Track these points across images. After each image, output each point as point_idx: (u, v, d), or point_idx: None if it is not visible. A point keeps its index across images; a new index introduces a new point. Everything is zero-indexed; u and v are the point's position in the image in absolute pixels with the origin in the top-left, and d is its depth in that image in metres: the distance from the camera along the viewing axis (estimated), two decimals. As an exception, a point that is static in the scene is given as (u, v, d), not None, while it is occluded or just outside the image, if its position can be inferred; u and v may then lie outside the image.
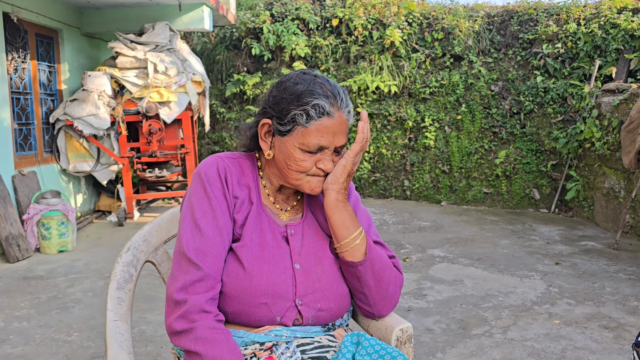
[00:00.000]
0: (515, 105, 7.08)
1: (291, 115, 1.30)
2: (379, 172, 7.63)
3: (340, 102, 1.32)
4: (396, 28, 7.42)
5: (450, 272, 4.25)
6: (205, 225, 1.28)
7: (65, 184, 6.08)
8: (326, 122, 1.29)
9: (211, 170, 1.34)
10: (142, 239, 1.52)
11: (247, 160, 1.42)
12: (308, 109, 1.29)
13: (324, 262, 1.36)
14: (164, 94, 5.96)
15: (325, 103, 1.29)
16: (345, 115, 1.33)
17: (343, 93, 1.34)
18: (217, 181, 1.33)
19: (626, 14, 6.54)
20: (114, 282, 1.42)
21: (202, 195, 1.32)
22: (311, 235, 1.40)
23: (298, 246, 1.36)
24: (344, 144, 1.34)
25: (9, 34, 5.26)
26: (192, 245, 1.26)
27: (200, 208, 1.30)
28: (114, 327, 1.33)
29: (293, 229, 1.38)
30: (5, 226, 4.64)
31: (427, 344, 2.98)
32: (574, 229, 5.78)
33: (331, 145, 1.31)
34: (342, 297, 1.36)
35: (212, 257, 1.26)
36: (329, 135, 1.30)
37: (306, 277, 1.32)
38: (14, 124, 5.37)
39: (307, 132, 1.29)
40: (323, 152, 1.32)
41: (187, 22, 6.56)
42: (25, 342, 3.04)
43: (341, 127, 1.31)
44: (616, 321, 3.27)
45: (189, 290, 1.21)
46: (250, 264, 1.29)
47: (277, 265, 1.31)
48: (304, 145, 1.30)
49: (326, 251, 1.39)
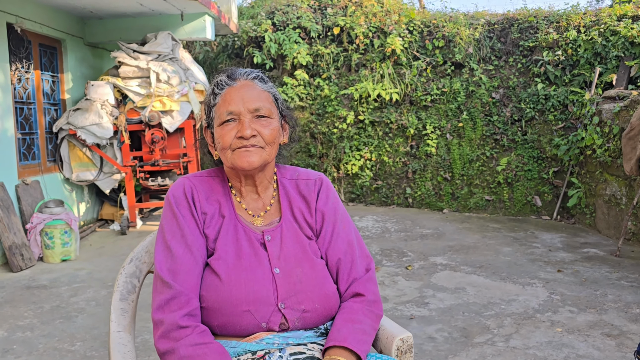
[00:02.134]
0: (517, 112, 7.10)
1: (207, 106, 1.41)
2: (380, 180, 7.64)
3: (239, 72, 1.39)
4: (397, 36, 7.46)
5: (453, 280, 4.25)
6: (175, 245, 1.31)
7: (69, 193, 6.11)
8: (230, 91, 1.36)
9: (178, 192, 1.38)
10: (144, 250, 1.54)
11: (217, 177, 1.45)
12: (213, 89, 1.39)
13: (304, 264, 1.36)
14: (166, 103, 5.99)
15: (223, 77, 1.38)
16: (250, 80, 1.38)
17: (247, 68, 1.44)
18: (183, 201, 1.36)
19: (626, 21, 6.56)
20: (117, 293, 1.44)
21: (170, 217, 1.35)
22: (290, 238, 1.39)
23: (277, 251, 1.36)
24: (260, 107, 1.35)
25: (13, 44, 5.30)
26: (164, 266, 1.29)
27: (170, 229, 1.33)
28: (118, 338, 1.34)
29: (270, 234, 1.38)
30: (9, 235, 4.66)
31: (430, 353, 2.98)
32: (576, 236, 5.78)
33: (243, 109, 1.34)
34: (326, 297, 1.35)
35: (183, 275, 1.28)
36: (237, 101, 1.34)
37: (287, 280, 1.32)
38: (18, 133, 5.41)
39: (218, 107, 1.37)
40: (240, 119, 1.34)
41: (189, 31, 6.60)
42: (29, 352, 3.05)
43: (249, 91, 1.36)
44: (619, 329, 3.27)
45: (164, 309, 1.24)
46: (227, 274, 1.30)
47: (255, 272, 1.31)
48: (219, 119, 1.36)
49: (306, 253, 1.38)
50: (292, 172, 1.51)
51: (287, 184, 1.48)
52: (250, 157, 1.33)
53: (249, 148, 1.33)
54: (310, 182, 1.48)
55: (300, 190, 1.47)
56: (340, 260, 1.40)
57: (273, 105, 1.40)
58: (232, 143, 1.34)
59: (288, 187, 1.47)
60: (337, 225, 1.44)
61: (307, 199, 1.45)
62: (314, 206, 1.44)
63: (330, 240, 1.42)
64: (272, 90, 1.41)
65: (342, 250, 1.41)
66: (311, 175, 1.50)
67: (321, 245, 1.42)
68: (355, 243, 1.45)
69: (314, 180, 1.49)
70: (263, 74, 1.43)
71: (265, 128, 1.35)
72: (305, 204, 1.45)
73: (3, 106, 5.05)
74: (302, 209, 1.44)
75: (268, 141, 1.36)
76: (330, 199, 1.47)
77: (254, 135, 1.34)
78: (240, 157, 1.34)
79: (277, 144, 1.40)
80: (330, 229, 1.43)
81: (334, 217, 1.44)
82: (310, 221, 1.43)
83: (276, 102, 1.42)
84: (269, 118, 1.37)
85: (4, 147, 5.03)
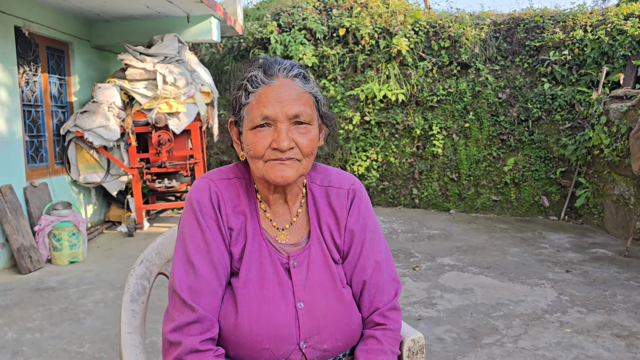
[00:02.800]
0: (523, 112, 7.07)
1: (237, 101, 1.24)
2: (387, 181, 7.63)
3: (278, 67, 1.20)
4: (403, 37, 7.45)
5: (460, 281, 4.24)
6: (198, 261, 1.19)
7: (76, 195, 6.13)
8: (265, 91, 1.18)
9: (203, 198, 1.23)
10: (154, 252, 1.54)
11: (243, 179, 1.30)
12: (245, 84, 1.21)
13: (330, 295, 1.25)
14: (173, 105, 6.01)
15: (259, 72, 1.20)
16: (290, 79, 1.20)
17: (286, 61, 1.23)
18: (210, 210, 1.22)
19: (633, 20, 6.53)
20: (127, 294, 1.44)
21: (194, 227, 1.22)
22: (317, 264, 1.27)
23: (302, 279, 1.25)
24: (300, 112, 1.18)
25: (21, 48, 5.33)
26: (185, 284, 1.18)
27: (193, 242, 1.21)
28: (129, 339, 1.34)
29: (296, 259, 1.26)
30: (17, 238, 4.68)
31: (438, 354, 2.97)
32: (584, 237, 5.74)
33: (280, 115, 1.17)
34: (350, 333, 1.26)
35: (207, 297, 1.18)
36: (273, 103, 1.17)
37: (310, 316, 1.22)
38: (26, 136, 5.44)
39: (250, 108, 1.20)
40: (276, 126, 1.18)
41: (195, 33, 6.62)
42: (38, 354, 3.07)
43: (288, 92, 1.18)
44: (628, 329, 3.24)
45: (183, 332, 1.15)
46: (249, 307, 1.19)
47: (278, 306, 1.21)
48: (252, 122, 1.19)
49: (333, 281, 1.27)
50: (322, 176, 1.36)
51: (316, 192, 1.33)
52: (285, 172, 1.19)
53: (284, 161, 1.19)
54: (342, 193, 1.33)
55: (331, 201, 1.33)
56: (366, 283, 1.29)
57: (314, 109, 1.23)
58: (266, 154, 1.19)
59: (317, 196, 1.33)
60: (366, 246, 1.31)
61: (336, 214, 1.32)
62: (344, 224, 1.31)
63: (357, 263, 1.30)
64: (314, 90, 1.24)
65: (369, 272, 1.30)
66: (343, 184, 1.35)
67: (347, 269, 1.31)
68: (384, 264, 1.32)
69: (347, 191, 1.34)
70: (305, 69, 1.25)
71: (303, 137, 1.20)
72: (335, 219, 1.32)
73: (11, 109, 5.08)
74: (331, 226, 1.31)
75: (306, 153, 1.21)
76: (362, 214, 1.33)
77: (291, 148, 1.18)
78: (273, 171, 1.19)
79: (315, 154, 1.25)
80: (358, 251, 1.31)
81: (363, 236, 1.32)
82: (339, 242, 1.31)
83: (317, 103, 1.25)
84: (309, 125, 1.21)
85: (12, 150, 5.06)
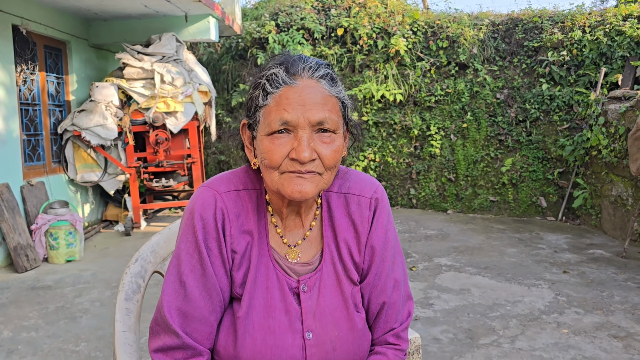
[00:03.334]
0: (521, 113, 7.07)
1: (253, 101, 1.08)
2: (384, 181, 7.62)
3: (302, 65, 1.05)
4: (401, 37, 7.45)
5: (457, 281, 4.24)
6: (191, 284, 1.08)
7: (73, 194, 6.12)
8: (287, 92, 1.03)
9: (207, 214, 1.10)
10: (150, 250, 1.53)
11: (254, 190, 1.16)
12: (263, 83, 1.05)
13: (341, 324, 1.14)
14: (170, 104, 6.00)
15: (280, 70, 1.04)
16: (316, 80, 1.04)
17: (312, 59, 1.08)
18: (212, 230, 1.10)
19: (631, 21, 6.54)
20: (122, 293, 1.43)
21: (192, 245, 1.10)
22: (329, 287, 1.15)
23: (312, 306, 1.13)
24: (325, 119, 1.03)
25: (18, 46, 5.32)
26: (173, 305, 1.08)
27: (189, 261, 1.09)
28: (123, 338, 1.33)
29: (306, 283, 1.14)
30: (14, 236, 4.67)
31: (435, 354, 2.96)
32: (582, 237, 5.75)
33: (302, 121, 1.02)
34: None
35: (196, 324, 1.08)
36: (295, 107, 1.02)
37: (319, 348, 1.11)
38: (23, 134, 5.42)
39: (268, 111, 1.04)
40: (297, 134, 1.03)
41: (193, 32, 6.61)
42: (34, 353, 3.06)
43: (312, 95, 1.03)
44: (625, 330, 3.24)
45: (167, 354, 1.09)
46: (252, 338, 1.09)
47: (284, 337, 1.10)
48: (269, 127, 1.04)
49: (347, 308, 1.15)
50: (341, 182, 1.20)
51: (333, 201, 1.19)
52: (303, 187, 1.04)
53: (303, 174, 1.04)
54: (363, 202, 1.19)
55: (350, 211, 1.18)
56: (385, 304, 1.19)
57: (340, 116, 1.08)
58: (283, 164, 1.04)
59: (334, 206, 1.18)
60: (387, 263, 1.19)
61: (357, 228, 1.18)
62: (365, 240, 1.18)
63: (377, 284, 1.18)
64: (342, 94, 1.09)
65: (388, 292, 1.19)
66: (365, 191, 1.20)
67: (365, 290, 1.19)
68: (402, 282, 1.22)
69: (369, 200, 1.19)
70: (332, 70, 1.09)
71: (327, 147, 1.05)
72: (355, 234, 1.18)
73: (8, 107, 5.06)
74: (349, 243, 1.17)
75: (329, 165, 1.06)
76: (384, 226, 1.19)
77: (313, 160, 1.04)
78: (290, 185, 1.05)
79: (338, 167, 1.11)
80: (379, 270, 1.18)
81: (385, 254, 1.19)
82: (358, 260, 1.18)
83: (343, 109, 1.10)
84: (334, 133, 1.06)
85: (9, 149, 5.04)
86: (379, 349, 1.20)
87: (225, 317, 1.13)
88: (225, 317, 1.13)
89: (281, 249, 1.16)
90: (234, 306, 1.13)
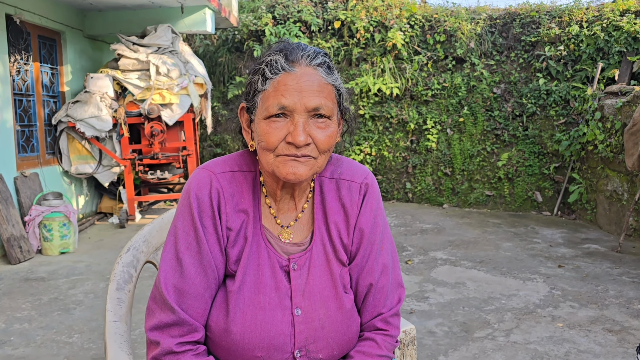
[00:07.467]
0: (518, 107, 7.06)
1: (252, 86, 1.14)
2: (380, 175, 7.61)
3: (301, 53, 1.11)
4: (398, 30, 7.42)
5: (453, 275, 4.23)
6: (187, 261, 1.13)
7: (67, 185, 6.08)
8: (285, 78, 1.09)
9: (203, 193, 1.15)
10: (142, 240, 1.51)
11: (249, 172, 1.22)
12: (262, 69, 1.11)
13: (330, 303, 1.19)
14: (166, 96, 5.96)
15: (279, 57, 1.10)
16: (313, 68, 1.10)
17: (310, 47, 1.14)
18: (207, 209, 1.15)
19: (629, 17, 6.52)
20: (113, 282, 1.41)
21: (188, 223, 1.15)
22: (319, 267, 1.20)
23: (301, 284, 1.18)
24: (321, 105, 1.09)
25: (12, 36, 5.26)
26: (170, 282, 1.13)
27: (185, 239, 1.14)
28: (114, 328, 1.32)
29: (297, 261, 1.19)
30: (7, 227, 4.64)
31: (430, 347, 2.96)
32: (577, 232, 5.76)
33: (299, 106, 1.08)
34: (347, 342, 1.21)
35: (191, 300, 1.12)
36: (292, 93, 1.08)
37: (307, 325, 1.16)
38: (17, 125, 5.38)
39: (266, 95, 1.10)
40: (293, 118, 1.09)
41: (189, 24, 6.56)
42: (27, 344, 3.04)
43: (309, 82, 1.09)
44: (620, 324, 3.25)
45: (163, 332, 1.11)
46: (243, 313, 1.14)
47: (274, 312, 1.15)
48: (266, 111, 1.10)
49: (335, 287, 1.20)
50: (333, 168, 1.26)
51: (326, 186, 1.24)
52: (298, 169, 1.10)
53: (298, 158, 1.10)
54: (353, 186, 1.24)
55: (341, 196, 1.24)
56: (372, 287, 1.23)
57: (335, 102, 1.14)
58: (279, 147, 1.10)
59: (326, 190, 1.24)
60: (376, 247, 1.24)
61: (346, 211, 1.23)
62: (354, 222, 1.23)
63: (365, 266, 1.23)
64: (337, 82, 1.15)
65: (376, 275, 1.23)
66: (355, 177, 1.25)
67: (353, 271, 1.23)
68: (391, 268, 1.25)
69: (359, 185, 1.25)
70: (329, 58, 1.15)
71: (322, 132, 1.11)
72: (344, 217, 1.23)
73: (2, 98, 5.02)
74: (339, 225, 1.23)
75: (323, 149, 1.12)
76: (373, 211, 1.24)
77: (308, 144, 1.10)
78: (285, 167, 1.10)
79: (331, 151, 1.17)
80: (367, 252, 1.23)
81: (373, 237, 1.24)
82: (347, 242, 1.23)
83: (339, 96, 1.16)
84: (328, 119, 1.12)
85: (2, 139, 5.00)
86: (368, 334, 1.24)
87: (218, 294, 1.17)
88: (219, 294, 1.17)
89: (274, 229, 1.21)
90: (227, 282, 1.17)
